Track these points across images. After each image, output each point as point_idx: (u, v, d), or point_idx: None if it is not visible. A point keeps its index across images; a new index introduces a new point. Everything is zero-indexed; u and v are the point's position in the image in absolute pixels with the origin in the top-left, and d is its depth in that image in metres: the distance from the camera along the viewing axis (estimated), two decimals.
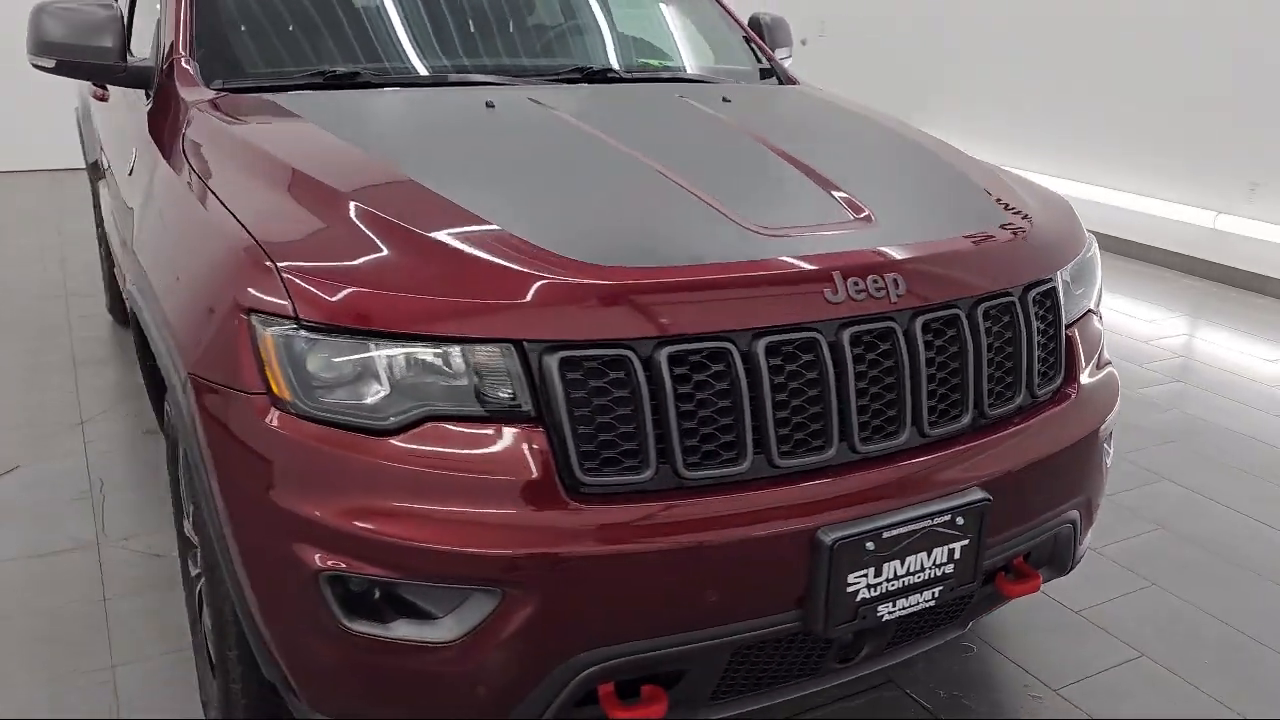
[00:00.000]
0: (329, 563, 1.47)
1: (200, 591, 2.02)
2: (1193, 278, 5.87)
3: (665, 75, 2.74)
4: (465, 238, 1.57)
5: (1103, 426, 1.95)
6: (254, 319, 1.51)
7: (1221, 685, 2.34)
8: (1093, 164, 6.55)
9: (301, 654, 1.57)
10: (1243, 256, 5.66)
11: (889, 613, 1.64)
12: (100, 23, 2.35)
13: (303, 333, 1.48)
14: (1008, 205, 1.98)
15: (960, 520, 1.65)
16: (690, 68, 2.85)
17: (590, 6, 2.90)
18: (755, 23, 3.23)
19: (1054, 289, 1.90)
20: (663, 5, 3.02)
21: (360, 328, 1.47)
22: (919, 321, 1.66)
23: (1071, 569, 2.06)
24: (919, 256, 1.69)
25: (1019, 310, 1.81)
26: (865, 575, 1.58)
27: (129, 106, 2.64)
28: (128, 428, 3.56)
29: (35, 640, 2.42)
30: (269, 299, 1.50)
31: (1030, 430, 1.81)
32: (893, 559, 1.60)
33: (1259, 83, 5.56)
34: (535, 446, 1.45)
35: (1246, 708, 2.26)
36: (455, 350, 1.46)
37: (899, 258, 1.67)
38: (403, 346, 1.47)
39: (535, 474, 1.45)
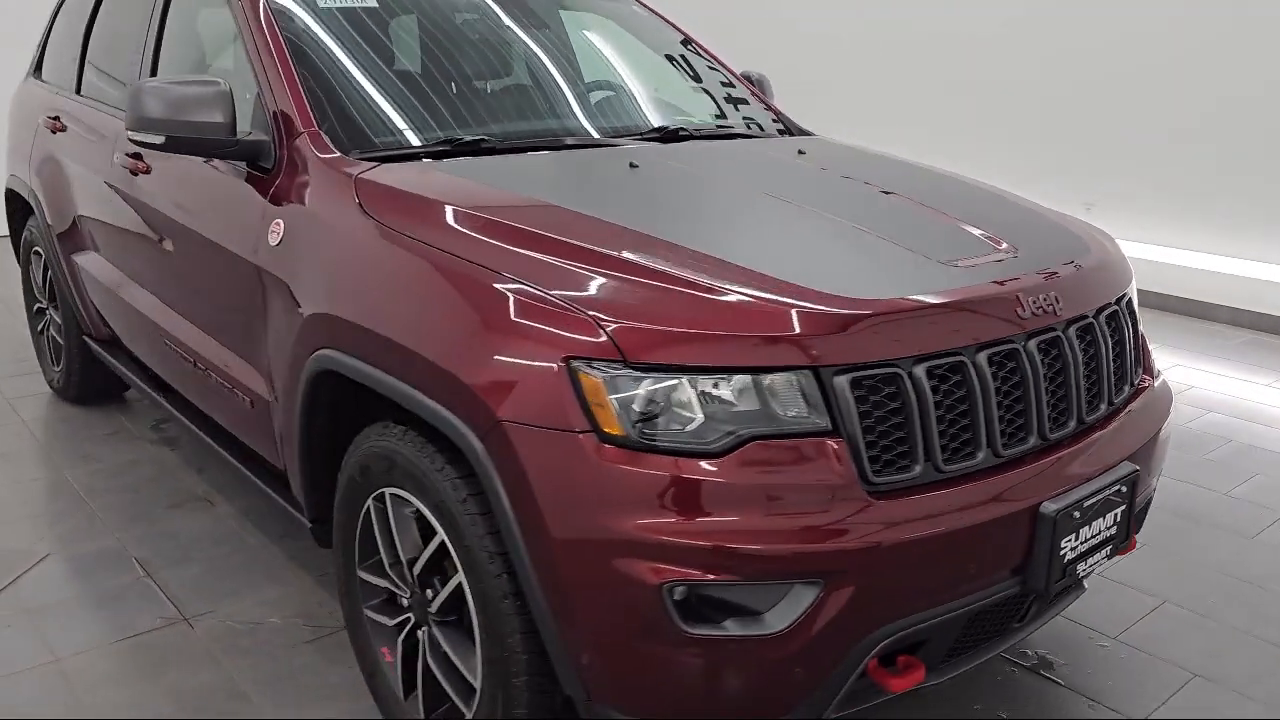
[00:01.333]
0: (671, 576, 1.65)
1: (422, 632, 2.12)
2: None
3: (726, 131, 3.03)
4: (736, 280, 1.80)
5: (1171, 406, 2.39)
6: (575, 364, 1.69)
7: (1238, 616, 2.84)
8: None
9: (628, 664, 1.74)
10: None
11: (1082, 570, 1.98)
12: (210, 98, 2.40)
13: (630, 372, 1.67)
14: (1085, 234, 2.40)
15: (1123, 489, 2.03)
16: (735, 123, 3.15)
17: (631, 75, 3.17)
18: (747, 79, 3.58)
19: (1131, 298, 2.32)
20: (683, 71, 3.32)
21: (682, 364, 1.68)
22: (1072, 329, 2.03)
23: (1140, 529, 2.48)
24: (1068, 277, 2.07)
25: (1122, 315, 2.22)
26: (1071, 539, 1.92)
27: (210, 180, 2.67)
28: (139, 503, 3.44)
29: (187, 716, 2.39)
30: (593, 346, 1.68)
31: (1141, 412, 2.22)
32: (1085, 524, 1.95)
33: (1092, 109, 6.46)
34: (839, 455, 1.70)
35: (1266, 631, 2.77)
36: (763, 378, 1.69)
37: (1057, 279, 2.04)
38: (717, 378, 1.69)
39: (842, 479, 1.70)
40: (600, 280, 1.81)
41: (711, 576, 1.66)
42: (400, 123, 2.55)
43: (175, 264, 2.91)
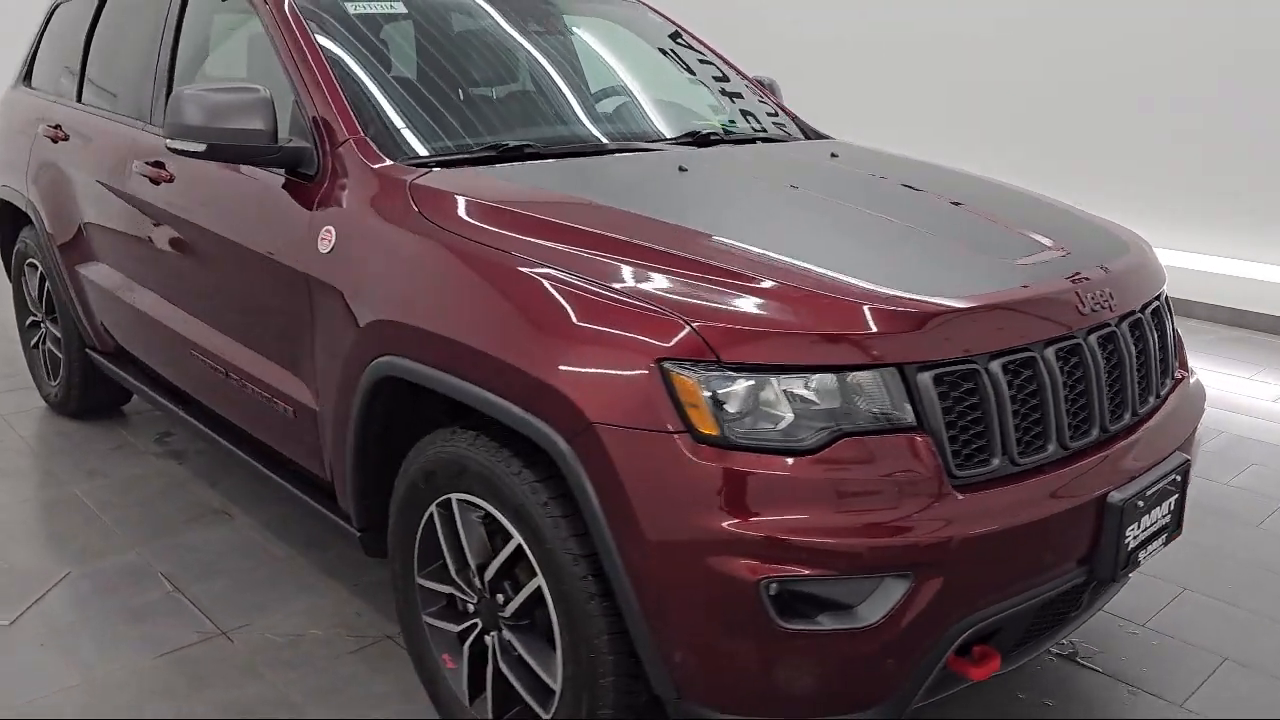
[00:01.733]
0: (768, 573, 1.67)
1: (490, 637, 2.12)
2: None
3: (753, 136, 3.07)
4: (817, 280, 1.83)
5: (1205, 399, 2.46)
6: (667, 365, 1.70)
7: (1257, 601, 2.93)
8: None
9: (722, 661, 1.75)
10: None
11: (1143, 558, 2.04)
12: (251, 105, 2.38)
13: (725, 373, 1.70)
14: (1123, 235, 2.47)
15: (1178, 478, 2.09)
16: (759, 128, 3.19)
17: (654, 81, 3.20)
18: (759, 83, 3.62)
19: (1166, 296, 2.40)
20: (702, 77, 3.35)
21: (773, 363, 1.71)
22: (1125, 324, 2.10)
23: None
24: (1117, 275, 2.13)
25: (1163, 310, 2.29)
26: (1135, 528, 1.98)
27: (245, 188, 2.64)
28: (154, 517, 3.38)
29: None
30: (685, 347, 1.70)
31: (1184, 404, 2.29)
32: (1146, 513, 2.01)
33: (1069, 116, 6.64)
34: (926, 450, 1.74)
35: None
36: (851, 376, 1.73)
37: (1109, 276, 2.10)
38: (807, 376, 1.72)
39: (929, 473, 1.74)
40: (686, 282, 1.83)
41: (807, 572, 1.68)
42: (443, 129, 2.54)
43: (205, 274, 2.87)
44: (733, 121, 3.20)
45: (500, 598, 2.06)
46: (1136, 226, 6.74)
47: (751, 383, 1.71)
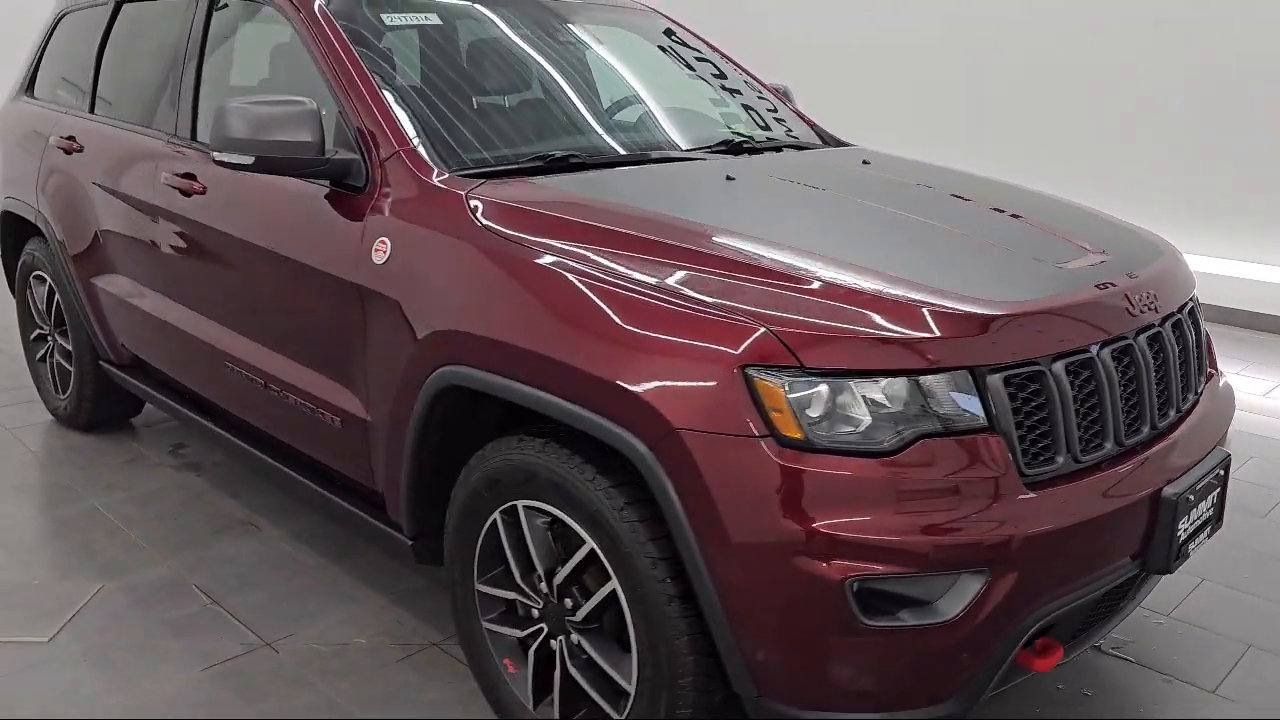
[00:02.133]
0: (853, 572, 1.72)
1: (557, 641, 2.15)
2: None
3: (785, 143, 3.12)
4: (888, 286, 1.88)
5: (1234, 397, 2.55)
6: (750, 371, 1.75)
7: (1272, 590, 3.04)
8: None
9: (805, 659, 1.80)
10: None
11: (1191, 549, 2.12)
12: (298, 118, 2.39)
13: (805, 377, 1.74)
14: (1155, 239, 2.55)
15: (1220, 472, 2.17)
16: (785, 135, 3.24)
17: (681, 91, 3.24)
18: (775, 91, 3.68)
19: (1197, 297, 2.48)
20: (723, 86, 3.40)
21: (853, 367, 1.76)
22: (1168, 325, 2.17)
23: None
24: (1158, 277, 2.21)
25: (1197, 311, 2.37)
26: (1185, 520, 2.05)
27: (287, 199, 2.64)
28: (180, 530, 3.36)
29: None
30: (767, 353, 1.75)
31: (1218, 400, 2.38)
32: (1194, 506, 2.08)
33: (1073, 119, 6.80)
34: (999, 450, 1.80)
35: None
36: (926, 379, 1.78)
37: (1151, 279, 2.18)
38: (885, 380, 1.77)
39: (1003, 471, 1.79)
40: (762, 288, 1.87)
41: (890, 570, 1.73)
42: (488, 140, 2.57)
43: (240, 285, 2.87)
44: (767, 130, 3.25)
45: (569, 602, 2.09)
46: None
47: (832, 386, 1.76)
